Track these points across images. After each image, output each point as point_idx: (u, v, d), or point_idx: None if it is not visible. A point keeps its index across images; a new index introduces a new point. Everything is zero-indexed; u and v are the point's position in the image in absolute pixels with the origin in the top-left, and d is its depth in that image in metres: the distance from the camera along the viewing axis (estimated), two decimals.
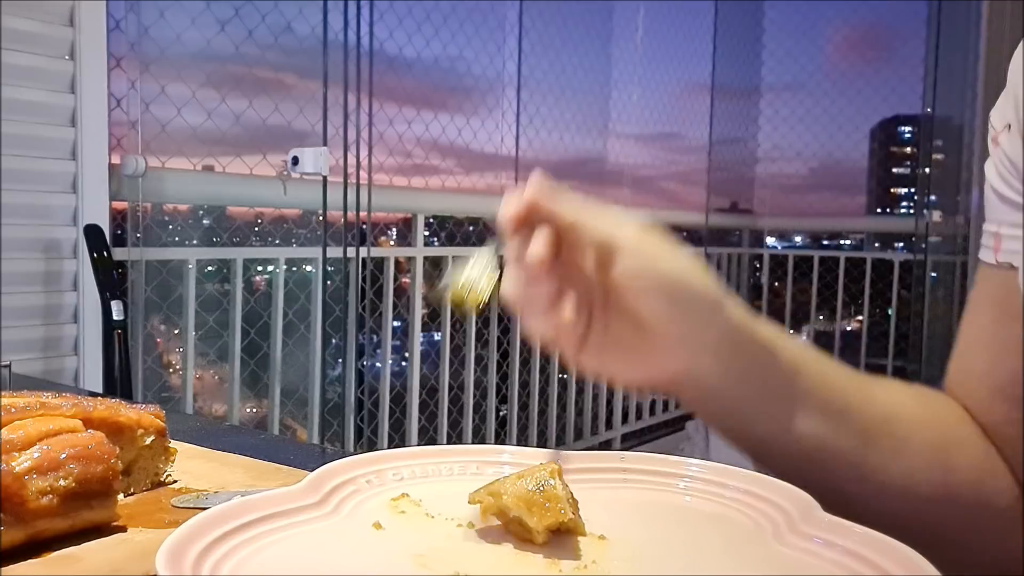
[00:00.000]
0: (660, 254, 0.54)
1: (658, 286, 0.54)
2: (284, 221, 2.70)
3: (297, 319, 2.56)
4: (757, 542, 0.44)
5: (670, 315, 0.54)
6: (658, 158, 4.40)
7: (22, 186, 1.85)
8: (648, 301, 0.54)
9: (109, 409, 0.56)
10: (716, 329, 0.55)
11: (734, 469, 0.50)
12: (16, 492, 0.45)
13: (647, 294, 0.54)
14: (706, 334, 0.55)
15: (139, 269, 2.16)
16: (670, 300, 0.54)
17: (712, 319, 0.55)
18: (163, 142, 2.21)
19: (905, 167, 4.85)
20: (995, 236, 0.63)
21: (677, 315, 0.54)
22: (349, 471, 0.49)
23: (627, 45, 4.03)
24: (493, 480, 0.46)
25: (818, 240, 5.03)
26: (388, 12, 2.78)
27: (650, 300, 0.54)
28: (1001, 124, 0.63)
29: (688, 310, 0.54)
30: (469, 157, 3.23)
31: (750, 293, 4.96)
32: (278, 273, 2.51)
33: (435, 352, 3.06)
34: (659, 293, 0.54)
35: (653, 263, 0.54)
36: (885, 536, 0.40)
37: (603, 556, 0.42)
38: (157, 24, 2.17)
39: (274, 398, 2.49)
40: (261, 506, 0.43)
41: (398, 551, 0.42)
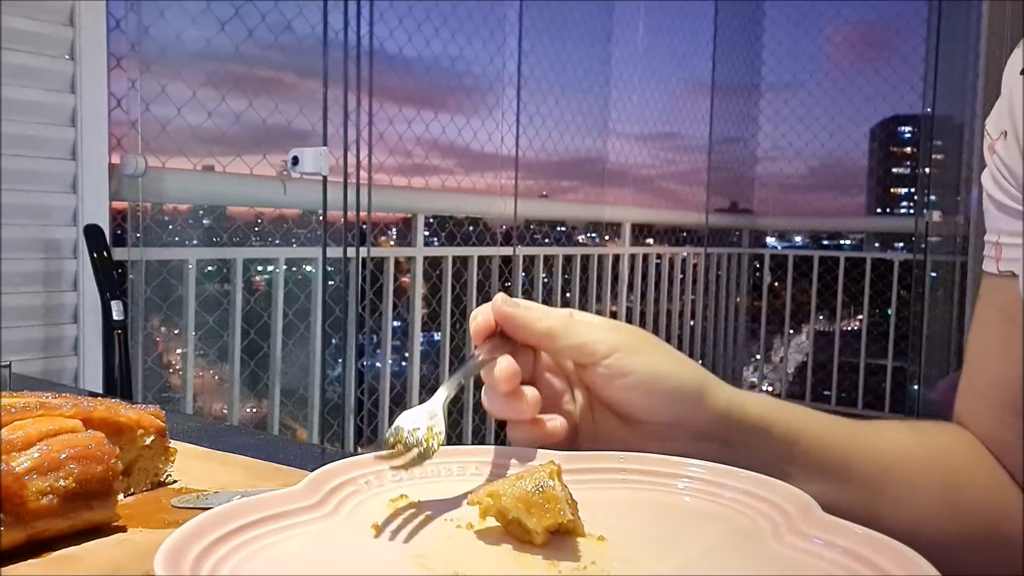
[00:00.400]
0: (636, 351, 0.55)
1: (638, 383, 0.54)
2: (284, 221, 2.70)
3: (297, 319, 2.56)
4: (757, 542, 0.44)
5: (654, 409, 0.55)
6: (658, 158, 4.40)
7: (22, 186, 1.85)
8: (631, 398, 0.55)
9: (109, 409, 0.56)
10: (702, 416, 0.56)
11: (733, 470, 0.50)
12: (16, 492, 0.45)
13: (628, 392, 0.55)
14: (692, 422, 0.55)
15: (139, 269, 2.16)
16: (652, 394, 0.55)
17: (696, 408, 0.55)
18: (163, 142, 2.21)
19: (905, 167, 4.85)
20: (996, 246, 0.63)
21: (661, 408, 0.55)
22: (348, 472, 0.49)
23: (627, 45, 4.03)
24: (492, 481, 0.46)
25: (818, 240, 5.03)
26: (388, 11, 2.78)
27: (632, 397, 0.55)
28: (997, 132, 0.63)
29: (671, 402, 0.55)
30: (469, 157, 3.23)
31: (750, 293, 4.96)
32: (278, 273, 2.51)
33: (435, 352, 3.06)
34: (640, 389, 0.54)
35: (630, 362, 0.54)
36: (884, 536, 0.40)
37: (602, 557, 0.42)
38: (157, 24, 2.17)
39: (274, 398, 2.49)
40: (260, 507, 0.43)
41: (397, 552, 0.42)
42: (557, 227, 3.99)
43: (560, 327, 0.55)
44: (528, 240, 3.61)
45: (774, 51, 4.83)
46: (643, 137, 4.24)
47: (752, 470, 0.56)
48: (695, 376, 0.56)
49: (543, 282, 3.50)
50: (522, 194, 3.32)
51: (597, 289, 3.80)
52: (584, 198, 4.07)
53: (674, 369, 0.55)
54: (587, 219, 4.12)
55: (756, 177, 5.00)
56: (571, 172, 3.94)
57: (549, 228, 3.91)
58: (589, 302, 3.76)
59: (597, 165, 4.02)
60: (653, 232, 4.36)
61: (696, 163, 4.61)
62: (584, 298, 3.74)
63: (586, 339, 0.54)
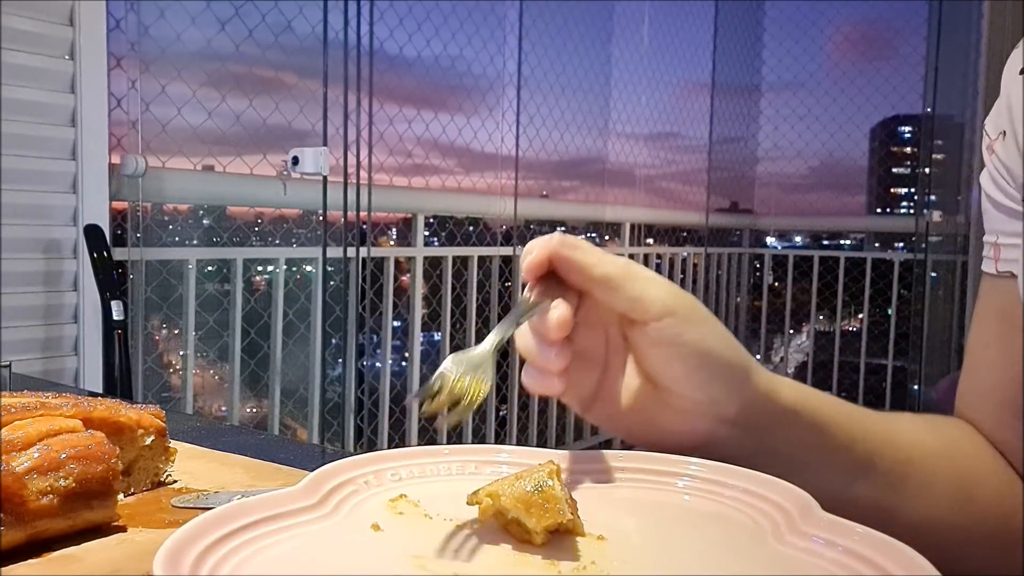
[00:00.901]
0: (690, 321, 0.52)
1: (685, 355, 0.52)
2: (284, 221, 2.70)
3: (297, 319, 2.56)
4: (757, 541, 0.44)
5: (693, 384, 0.52)
6: (658, 158, 4.40)
7: (22, 186, 1.86)
8: (672, 368, 0.52)
9: (109, 409, 0.56)
10: (739, 400, 0.53)
11: (733, 468, 0.50)
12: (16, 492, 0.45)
13: (672, 361, 0.52)
14: (729, 405, 0.53)
15: (139, 269, 2.16)
16: (695, 370, 0.52)
17: (738, 390, 0.53)
18: (163, 142, 2.21)
19: (905, 167, 4.85)
20: (994, 247, 0.62)
21: (700, 385, 0.52)
22: (348, 472, 0.49)
23: (627, 45, 4.03)
24: (491, 481, 0.45)
25: (818, 240, 5.03)
26: (388, 11, 2.78)
27: (675, 367, 0.52)
28: (996, 132, 0.62)
29: (712, 381, 0.53)
30: (469, 157, 3.23)
31: (750, 293, 4.96)
32: (278, 273, 2.51)
33: (435, 352, 3.06)
34: (685, 362, 0.52)
35: (685, 330, 0.52)
36: (885, 536, 0.40)
37: (602, 556, 0.42)
38: (157, 24, 2.17)
39: (274, 398, 2.49)
40: (259, 508, 0.43)
41: (396, 552, 0.42)
42: (557, 227, 4.00)
43: (619, 276, 0.52)
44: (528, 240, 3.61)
45: (774, 51, 4.83)
46: (643, 137, 4.25)
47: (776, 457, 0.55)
48: (741, 359, 0.54)
49: None
50: (522, 194, 3.32)
51: None
52: (584, 198, 4.07)
53: (723, 348, 0.53)
54: (587, 219, 4.12)
55: (756, 177, 5.00)
56: (571, 172, 3.94)
57: (549, 228, 3.91)
58: None
59: (597, 165, 4.02)
60: (653, 232, 4.36)
61: (696, 163, 4.62)
62: None
63: (644, 294, 0.51)
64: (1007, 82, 0.62)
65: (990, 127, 0.63)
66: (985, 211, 0.64)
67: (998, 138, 0.62)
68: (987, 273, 0.64)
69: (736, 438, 0.54)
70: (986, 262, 0.64)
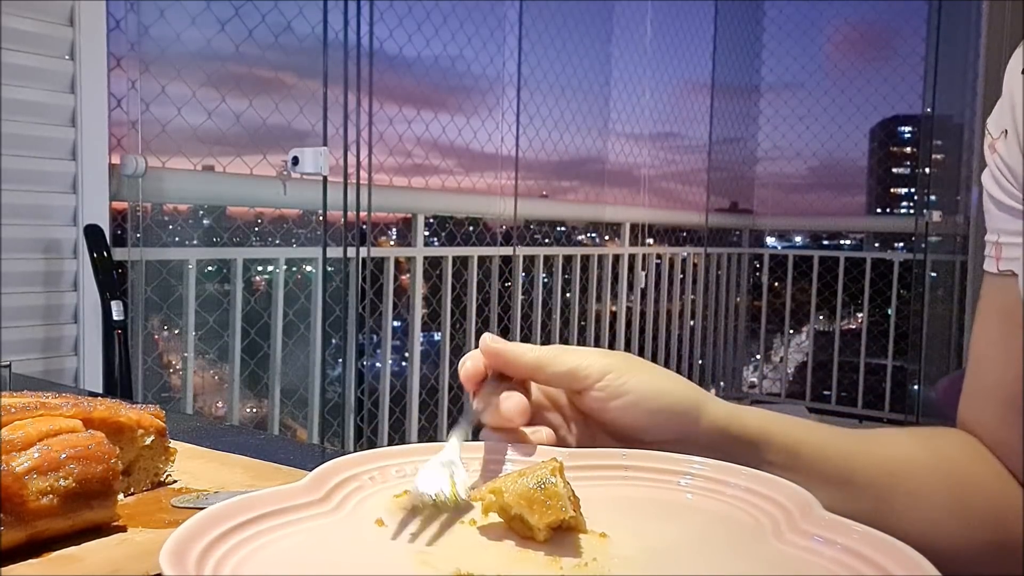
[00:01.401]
0: (628, 371, 0.55)
1: (634, 401, 0.55)
2: (284, 221, 2.70)
3: (297, 319, 2.56)
4: (758, 540, 0.44)
5: (653, 426, 0.55)
6: (658, 158, 4.40)
7: (22, 186, 1.85)
8: (629, 417, 0.55)
9: (109, 409, 0.56)
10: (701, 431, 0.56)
11: (735, 467, 0.50)
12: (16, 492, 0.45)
13: (625, 411, 0.55)
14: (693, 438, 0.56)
15: (139, 269, 2.16)
16: (650, 413, 0.55)
17: (695, 423, 0.56)
18: (163, 142, 2.21)
19: (905, 167, 4.85)
20: (996, 246, 0.62)
21: (660, 425, 0.55)
22: (351, 468, 0.49)
23: (627, 45, 4.03)
24: (495, 478, 0.46)
25: (818, 240, 5.03)
26: (388, 12, 2.78)
27: (630, 416, 0.55)
28: (998, 131, 0.62)
29: (669, 418, 0.55)
30: (469, 157, 3.23)
31: (750, 293, 4.96)
32: (278, 273, 2.51)
33: (435, 352, 3.06)
34: (637, 408, 0.55)
35: (627, 380, 0.55)
36: (886, 535, 0.40)
37: (604, 553, 0.42)
38: (157, 24, 2.17)
39: (274, 398, 2.49)
40: (264, 503, 0.43)
41: (400, 548, 0.42)
42: (557, 227, 3.99)
43: (549, 356, 0.55)
44: (528, 240, 3.61)
45: (774, 51, 4.83)
46: (643, 137, 4.25)
47: None
48: (689, 391, 0.57)
49: (543, 282, 3.50)
50: (522, 194, 3.32)
51: (597, 289, 3.80)
52: (584, 198, 4.07)
53: (668, 385, 0.56)
54: (587, 219, 4.12)
55: (756, 177, 5.00)
56: (571, 172, 3.94)
57: (549, 228, 3.91)
58: (589, 302, 3.76)
59: (597, 165, 4.02)
60: (653, 232, 4.36)
61: (696, 163, 4.62)
62: (584, 298, 3.74)
63: (576, 364, 0.55)
64: (1009, 81, 0.62)
65: (992, 126, 0.63)
66: (987, 210, 0.64)
67: (1000, 137, 0.62)
68: (988, 272, 0.64)
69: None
70: (988, 261, 0.64)
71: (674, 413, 0.55)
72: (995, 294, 0.63)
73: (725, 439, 0.56)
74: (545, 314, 3.47)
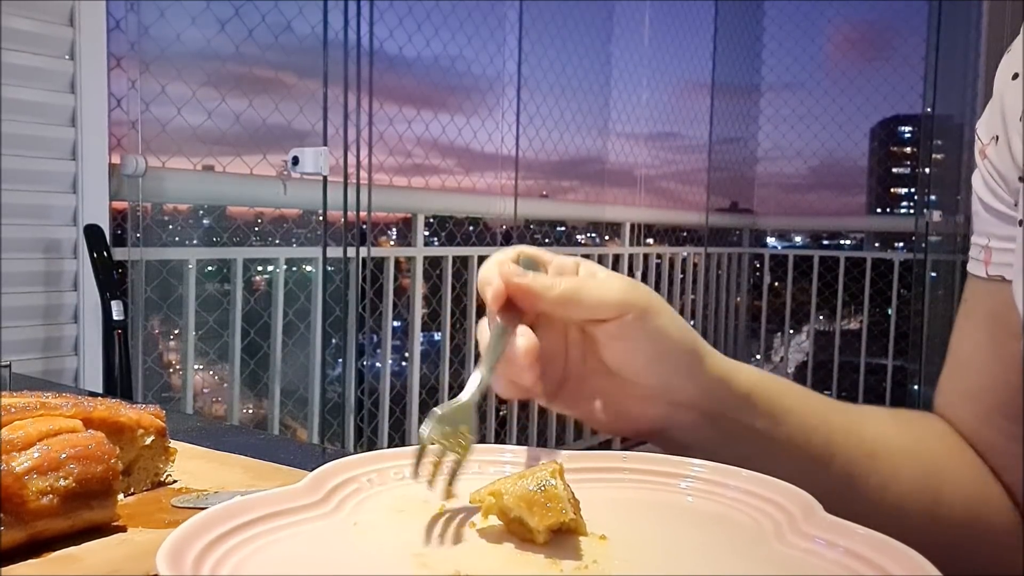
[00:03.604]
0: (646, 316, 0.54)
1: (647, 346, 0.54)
2: (284, 221, 2.70)
3: (297, 319, 2.56)
4: (759, 542, 0.44)
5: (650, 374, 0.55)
6: (658, 158, 4.40)
7: (22, 186, 1.85)
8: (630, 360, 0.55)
9: (109, 409, 0.56)
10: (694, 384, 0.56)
11: (735, 469, 0.50)
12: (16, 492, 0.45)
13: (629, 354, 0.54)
14: (685, 390, 0.56)
15: (139, 269, 2.16)
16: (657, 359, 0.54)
17: (692, 375, 0.56)
18: (163, 142, 2.21)
19: (905, 167, 4.85)
20: (985, 249, 0.62)
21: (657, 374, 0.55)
22: (350, 470, 0.49)
23: (627, 45, 4.03)
24: (494, 480, 0.45)
25: (818, 240, 5.03)
26: (388, 12, 2.78)
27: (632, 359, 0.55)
28: (988, 136, 0.62)
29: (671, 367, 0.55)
30: (469, 157, 3.23)
31: (750, 293, 4.96)
32: (278, 273, 2.51)
33: (435, 352, 3.06)
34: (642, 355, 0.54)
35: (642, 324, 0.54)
36: (887, 537, 0.40)
37: (604, 556, 0.42)
38: (157, 24, 2.17)
39: (274, 398, 2.49)
40: (261, 505, 0.43)
41: (399, 550, 0.42)
42: (557, 227, 4.00)
43: (572, 292, 0.53)
44: (528, 240, 3.61)
45: (774, 51, 4.83)
46: (643, 137, 4.25)
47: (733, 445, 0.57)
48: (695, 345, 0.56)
49: None
50: (522, 194, 3.32)
51: None
52: (584, 198, 4.07)
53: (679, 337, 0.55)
54: (587, 219, 4.12)
55: (756, 177, 5.00)
56: (571, 172, 3.94)
57: (549, 228, 3.91)
58: None
59: (597, 165, 4.02)
60: (653, 232, 4.36)
61: (696, 163, 4.62)
62: None
63: (600, 299, 0.53)
64: (999, 86, 0.61)
65: (982, 131, 0.63)
66: (975, 213, 0.63)
67: (991, 143, 0.62)
68: (975, 275, 0.63)
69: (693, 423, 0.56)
70: (974, 264, 0.63)
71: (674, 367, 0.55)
72: (983, 298, 0.63)
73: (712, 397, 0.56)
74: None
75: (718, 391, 0.56)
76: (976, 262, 0.63)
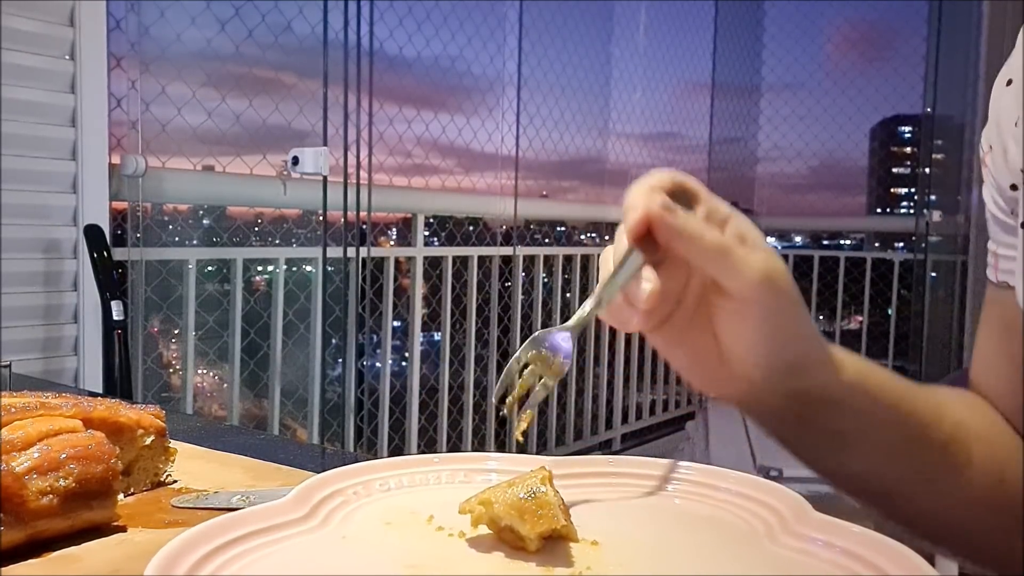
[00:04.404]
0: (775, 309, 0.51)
1: (758, 339, 0.51)
2: (284, 221, 2.70)
3: (297, 319, 2.56)
4: (751, 543, 0.44)
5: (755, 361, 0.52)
6: (658, 158, 4.40)
7: (22, 186, 1.86)
8: (742, 344, 0.51)
9: (109, 409, 0.56)
10: (794, 383, 0.53)
11: (724, 471, 0.50)
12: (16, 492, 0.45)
13: (745, 339, 0.51)
14: (781, 383, 0.53)
15: (139, 269, 2.16)
16: (765, 354, 0.52)
17: (792, 373, 0.53)
18: (163, 142, 2.21)
19: (905, 167, 4.85)
20: (994, 255, 0.63)
21: (761, 363, 0.52)
22: (337, 483, 0.49)
23: (627, 45, 4.03)
24: (484, 489, 0.45)
25: (818, 240, 5.03)
26: (388, 12, 2.78)
27: (744, 344, 0.51)
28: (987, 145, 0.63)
29: (775, 361, 0.52)
30: (469, 157, 3.23)
31: None
32: (278, 273, 2.51)
33: (435, 352, 3.06)
34: (757, 346, 0.51)
35: (766, 317, 0.50)
36: (881, 535, 0.40)
37: (597, 561, 0.42)
38: (157, 24, 2.17)
39: (274, 398, 2.49)
40: (249, 521, 0.43)
41: (389, 562, 0.42)
42: (557, 227, 3.99)
43: (718, 253, 0.49)
44: (528, 240, 3.61)
45: (774, 51, 4.83)
46: (643, 137, 4.25)
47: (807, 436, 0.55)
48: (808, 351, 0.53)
49: (543, 282, 3.50)
50: (522, 194, 3.32)
51: None
52: (584, 198, 4.07)
53: (792, 339, 0.52)
54: (587, 219, 4.12)
55: (756, 177, 5.00)
56: (571, 172, 3.94)
57: (549, 228, 3.91)
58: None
59: (597, 165, 4.02)
60: None
61: (696, 163, 4.62)
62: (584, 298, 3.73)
63: (741, 270, 0.49)
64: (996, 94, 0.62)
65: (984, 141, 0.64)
66: (988, 218, 0.65)
67: (989, 152, 0.63)
68: (990, 281, 0.65)
69: (775, 407, 0.54)
70: (989, 270, 0.65)
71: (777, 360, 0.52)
72: (994, 303, 0.64)
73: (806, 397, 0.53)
74: (545, 314, 3.48)
75: (816, 391, 0.54)
76: (990, 268, 0.64)
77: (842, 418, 0.55)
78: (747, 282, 0.49)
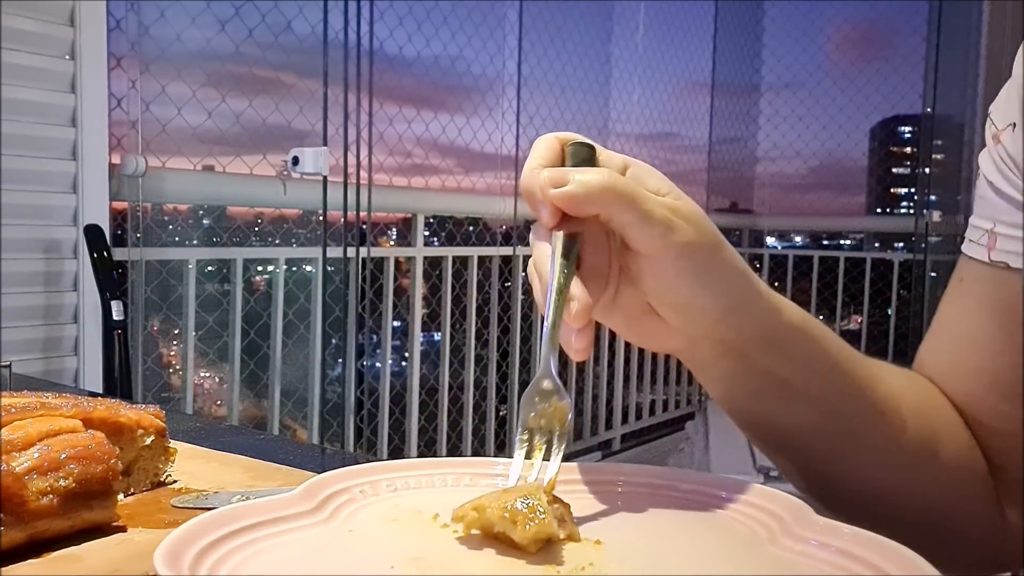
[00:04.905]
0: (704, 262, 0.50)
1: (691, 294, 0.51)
2: (284, 221, 2.70)
3: (297, 319, 2.56)
4: (754, 546, 0.44)
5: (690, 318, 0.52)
6: (658, 158, 4.40)
7: (22, 186, 1.86)
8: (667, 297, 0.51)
9: (109, 409, 0.56)
10: (737, 329, 0.53)
11: (727, 479, 0.50)
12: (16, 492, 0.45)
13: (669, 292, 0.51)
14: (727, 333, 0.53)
15: (139, 269, 2.16)
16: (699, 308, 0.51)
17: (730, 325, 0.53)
18: (163, 142, 2.21)
19: (905, 167, 4.85)
20: (989, 234, 0.61)
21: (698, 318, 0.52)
22: (344, 480, 0.49)
23: (627, 45, 4.03)
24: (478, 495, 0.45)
25: (818, 240, 5.03)
26: (388, 11, 2.78)
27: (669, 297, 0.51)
28: (1004, 122, 0.61)
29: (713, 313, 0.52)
30: (469, 157, 3.23)
31: None
32: (278, 273, 2.51)
33: (435, 352, 3.06)
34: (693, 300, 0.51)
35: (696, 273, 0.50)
36: (881, 537, 0.40)
37: (600, 559, 0.42)
38: (157, 24, 2.17)
39: (274, 398, 2.49)
40: (257, 512, 0.44)
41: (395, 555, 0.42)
42: None
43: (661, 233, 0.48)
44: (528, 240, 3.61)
45: (774, 51, 4.83)
46: (643, 137, 4.25)
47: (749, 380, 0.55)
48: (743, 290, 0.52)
49: None
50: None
51: None
52: None
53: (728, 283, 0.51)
54: None
55: (756, 177, 5.00)
56: None
57: None
58: None
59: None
60: None
61: (696, 163, 4.62)
62: None
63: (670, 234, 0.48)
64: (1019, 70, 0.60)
65: (997, 115, 0.62)
66: (982, 196, 0.62)
67: (1007, 128, 0.60)
68: (975, 259, 0.62)
69: (715, 354, 0.54)
70: (973, 247, 0.62)
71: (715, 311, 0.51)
72: (985, 282, 0.62)
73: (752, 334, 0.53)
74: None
75: (761, 333, 0.53)
76: (976, 245, 0.62)
77: (786, 362, 0.55)
78: (676, 239, 0.49)
